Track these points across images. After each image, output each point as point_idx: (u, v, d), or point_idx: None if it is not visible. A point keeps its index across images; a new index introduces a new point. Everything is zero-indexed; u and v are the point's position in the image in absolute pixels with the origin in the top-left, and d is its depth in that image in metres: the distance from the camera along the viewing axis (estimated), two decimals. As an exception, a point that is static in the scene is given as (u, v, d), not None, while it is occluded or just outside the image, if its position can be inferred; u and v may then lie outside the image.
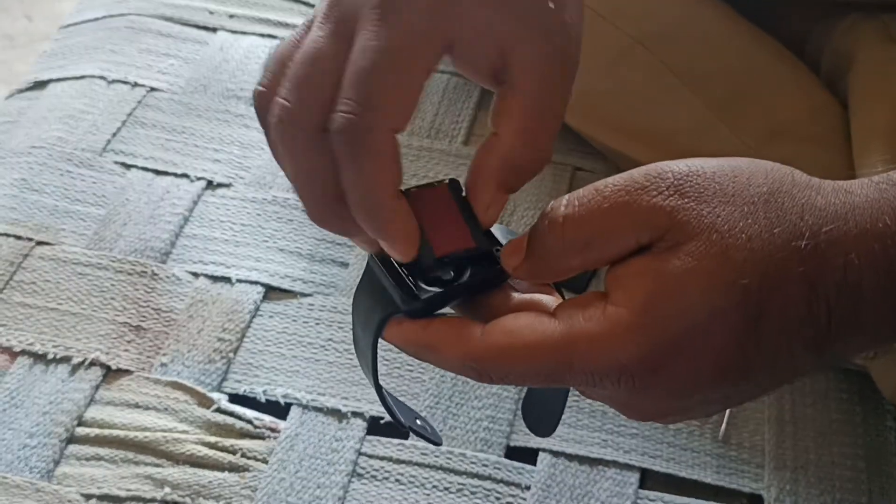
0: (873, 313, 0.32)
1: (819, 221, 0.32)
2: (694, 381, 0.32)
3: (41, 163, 0.68)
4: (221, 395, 0.57)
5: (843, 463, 0.55)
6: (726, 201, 0.32)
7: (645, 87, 0.64)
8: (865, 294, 0.31)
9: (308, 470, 0.54)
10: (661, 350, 0.32)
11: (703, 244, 0.31)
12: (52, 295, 0.61)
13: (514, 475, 0.54)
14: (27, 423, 0.55)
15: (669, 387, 0.33)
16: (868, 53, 0.61)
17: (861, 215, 0.32)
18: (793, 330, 0.32)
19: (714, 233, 0.31)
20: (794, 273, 0.31)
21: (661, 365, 0.32)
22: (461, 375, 0.34)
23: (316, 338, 0.60)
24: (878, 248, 0.31)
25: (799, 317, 0.32)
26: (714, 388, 0.33)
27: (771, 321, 0.32)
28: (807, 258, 0.31)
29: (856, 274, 0.31)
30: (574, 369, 0.32)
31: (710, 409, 0.35)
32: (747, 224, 0.32)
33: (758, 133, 0.62)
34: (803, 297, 0.32)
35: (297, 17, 0.81)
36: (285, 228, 0.66)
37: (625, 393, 0.33)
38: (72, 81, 0.75)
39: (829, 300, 0.32)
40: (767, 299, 0.31)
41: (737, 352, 0.32)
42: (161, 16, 0.80)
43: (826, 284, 0.31)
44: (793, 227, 0.32)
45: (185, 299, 0.61)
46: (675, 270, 0.31)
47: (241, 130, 0.72)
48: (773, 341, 0.32)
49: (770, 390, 0.34)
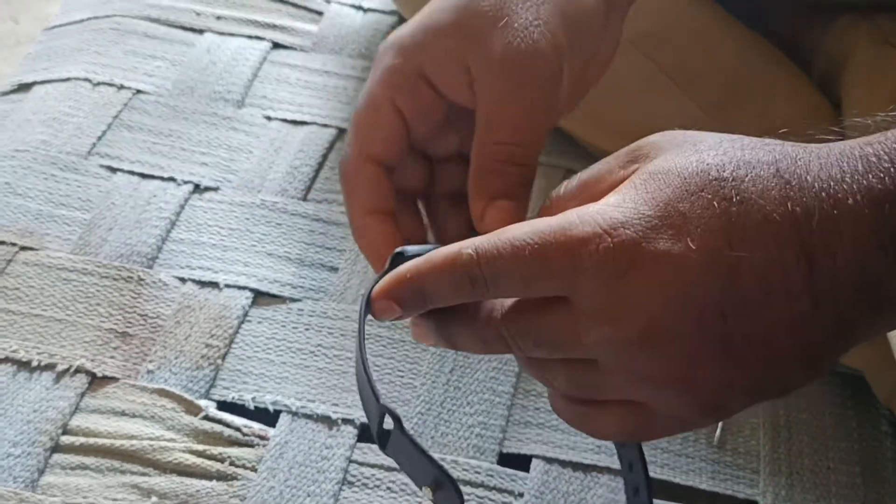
0: (852, 215, 0.30)
1: (792, 148, 0.33)
2: (681, 274, 0.31)
3: (25, 166, 0.67)
4: (209, 403, 0.56)
5: (838, 468, 0.55)
6: (696, 134, 0.34)
7: (637, 88, 0.64)
8: (842, 197, 0.31)
9: (298, 478, 0.53)
10: (652, 215, 0.31)
11: (677, 149, 0.33)
12: (37, 301, 0.60)
13: (507, 482, 0.54)
14: (11, 431, 0.54)
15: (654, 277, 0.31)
16: (861, 55, 0.61)
17: (839, 146, 0.32)
18: (774, 226, 0.31)
19: (684, 143, 0.33)
20: (766, 169, 0.32)
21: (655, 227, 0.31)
22: (455, 286, 0.33)
23: (305, 343, 0.59)
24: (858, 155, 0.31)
25: (778, 213, 0.31)
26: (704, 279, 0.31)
27: (750, 212, 0.31)
28: (780, 160, 0.32)
29: (831, 175, 0.31)
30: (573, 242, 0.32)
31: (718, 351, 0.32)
32: (715, 140, 0.33)
33: (750, 134, 0.62)
34: (780, 193, 0.31)
35: (285, 19, 0.80)
36: (274, 232, 0.65)
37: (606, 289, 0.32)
38: (56, 84, 0.74)
39: (805, 201, 0.31)
40: (744, 188, 0.31)
41: (721, 236, 0.31)
42: (147, 17, 0.79)
43: (801, 186, 0.31)
44: (762, 142, 0.33)
45: (172, 305, 0.60)
46: (652, 166, 0.33)
47: (228, 133, 0.71)
48: (756, 235, 0.31)
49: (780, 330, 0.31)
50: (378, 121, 0.39)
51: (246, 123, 0.72)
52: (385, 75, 0.39)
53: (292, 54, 0.78)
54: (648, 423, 0.34)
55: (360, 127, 0.39)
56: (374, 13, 0.81)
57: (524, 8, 0.38)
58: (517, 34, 0.37)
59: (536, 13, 0.38)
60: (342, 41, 0.79)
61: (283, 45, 0.78)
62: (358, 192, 0.39)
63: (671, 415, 0.34)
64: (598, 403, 0.35)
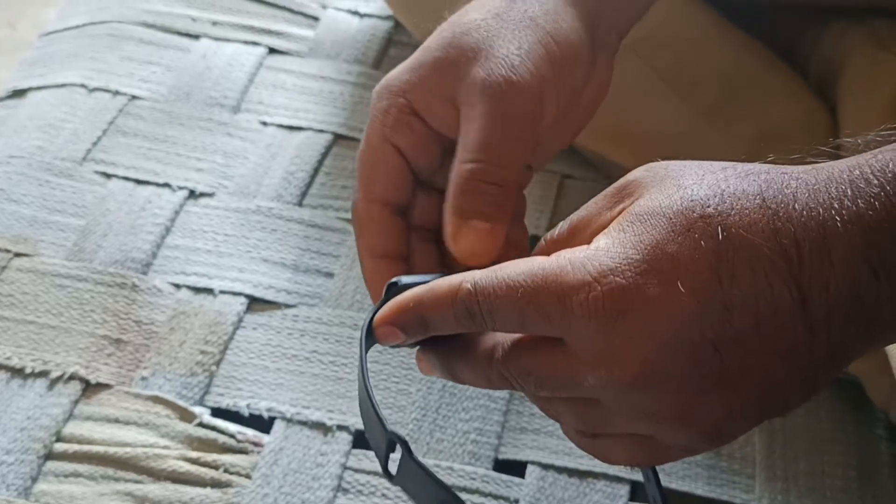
0: (843, 244, 0.30)
1: (778, 175, 0.32)
2: (674, 306, 0.31)
3: (20, 172, 0.67)
4: (204, 410, 0.56)
5: (834, 472, 0.55)
6: (679, 164, 0.34)
7: (634, 93, 0.64)
8: (831, 225, 0.30)
9: (292, 485, 0.53)
10: (641, 259, 0.31)
11: (660, 186, 0.33)
12: (31, 307, 0.60)
13: (502, 488, 0.53)
14: (4, 439, 0.54)
15: (645, 318, 0.31)
16: (857, 59, 0.61)
17: (827, 169, 0.32)
18: (764, 262, 0.30)
19: (667, 178, 0.33)
20: (753, 204, 0.31)
21: (634, 285, 0.31)
22: (455, 318, 0.34)
23: (300, 350, 0.59)
24: (845, 180, 0.31)
25: (767, 247, 0.30)
26: (696, 320, 0.31)
27: (739, 250, 0.31)
28: (765, 190, 0.31)
29: (820, 202, 0.31)
30: (552, 289, 0.32)
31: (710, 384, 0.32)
32: (701, 172, 0.33)
33: (747, 139, 0.62)
34: (768, 226, 0.31)
35: (281, 24, 0.80)
36: (269, 238, 0.65)
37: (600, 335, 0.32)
38: (52, 90, 0.74)
39: (794, 232, 0.30)
40: (731, 230, 0.31)
41: (712, 277, 0.31)
42: (143, 23, 0.79)
43: (789, 216, 0.31)
44: (747, 169, 0.32)
45: (166, 311, 0.60)
46: (640, 206, 0.33)
47: (223, 139, 0.71)
48: (747, 273, 0.30)
49: (777, 365, 0.31)
50: (378, 160, 0.40)
51: (242, 129, 0.72)
52: (379, 117, 0.40)
53: (288, 60, 0.78)
54: (656, 451, 0.35)
55: (362, 169, 0.40)
56: (370, 18, 0.81)
57: (507, 40, 0.39)
58: (498, 62, 0.38)
59: (518, 44, 0.39)
60: (338, 46, 0.79)
61: (279, 51, 0.78)
62: (365, 235, 0.40)
63: (677, 445, 0.34)
64: (606, 435, 0.35)
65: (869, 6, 0.62)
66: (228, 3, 0.81)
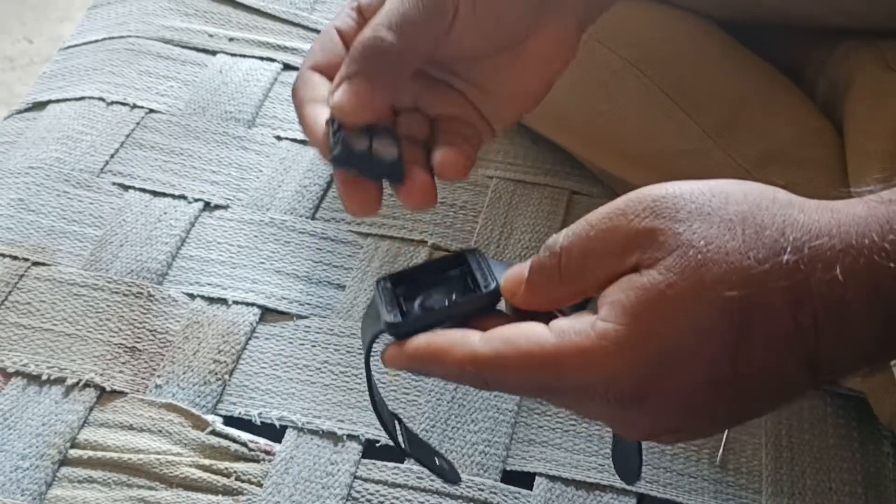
0: (860, 329, 0.31)
1: (802, 237, 0.32)
2: (686, 395, 0.32)
3: (38, 183, 0.69)
4: (216, 418, 0.57)
5: (840, 489, 0.55)
6: (702, 219, 0.32)
7: (640, 111, 0.64)
8: (851, 309, 0.31)
9: (303, 493, 0.53)
10: (648, 362, 0.32)
11: (681, 259, 0.32)
12: (48, 316, 0.61)
13: (510, 500, 0.54)
14: (20, 444, 0.54)
15: (661, 400, 0.33)
16: (864, 80, 0.61)
17: (846, 231, 0.32)
18: (781, 343, 0.32)
19: (690, 248, 0.32)
20: (777, 286, 0.31)
21: (650, 377, 0.32)
22: (461, 382, 0.36)
23: (312, 360, 0.60)
24: (864, 264, 0.31)
25: (786, 330, 0.31)
26: (707, 402, 0.33)
27: (759, 334, 0.32)
28: (791, 272, 0.31)
29: (841, 289, 0.31)
30: (564, 381, 0.33)
31: (705, 426, 0.35)
32: (724, 240, 0.32)
33: (753, 157, 0.62)
34: (789, 311, 0.31)
35: (297, 41, 0.81)
36: (282, 250, 0.66)
37: (617, 408, 0.33)
38: (71, 102, 0.75)
39: (815, 315, 0.31)
40: (752, 312, 0.31)
41: (727, 364, 0.32)
42: (161, 38, 0.81)
43: (812, 298, 0.31)
44: (773, 242, 0.32)
45: (180, 321, 0.61)
46: (657, 285, 0.32)
47: (239, 152, 0.72)
48: (763, 355, 0.32)
49: (767, 410, 0.34)
50: (321, 40, 0.44)
51: (256, 143, 0.73)
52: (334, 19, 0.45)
53: (303, 75, 0.79)
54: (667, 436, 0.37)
55: (309, 53, 0.44)
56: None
57: None
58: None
59: None
60: (352, 63, 0.80)
61: (294, 67, 0.80)
62: (302, 90, 0.43)
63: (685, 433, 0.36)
64: None
65: (876, 28, 0.63)
66: (245, 20, 0.83)
